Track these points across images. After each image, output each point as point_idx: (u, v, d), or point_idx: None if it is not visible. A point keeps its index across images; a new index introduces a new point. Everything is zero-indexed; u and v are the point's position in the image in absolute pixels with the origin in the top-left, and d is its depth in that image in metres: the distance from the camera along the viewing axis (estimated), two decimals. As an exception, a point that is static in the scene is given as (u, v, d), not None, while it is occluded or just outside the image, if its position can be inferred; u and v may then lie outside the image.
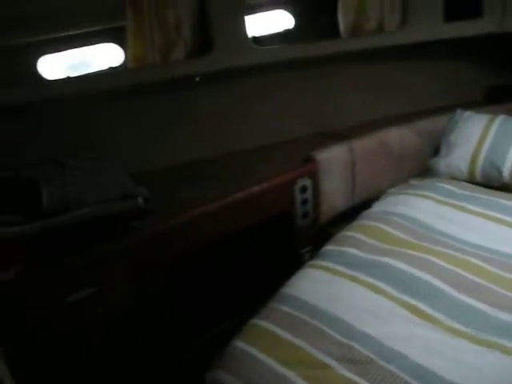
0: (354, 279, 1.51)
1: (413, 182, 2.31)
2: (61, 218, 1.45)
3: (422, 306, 1.38)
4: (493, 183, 2.12)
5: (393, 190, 2.24)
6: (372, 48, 2.35)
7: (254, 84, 2.24)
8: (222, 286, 1.86)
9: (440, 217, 1.87)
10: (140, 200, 1.58)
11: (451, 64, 2.63)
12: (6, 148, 1.73)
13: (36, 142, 1.82)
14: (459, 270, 1.50)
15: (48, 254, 1.42)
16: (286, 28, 2.60)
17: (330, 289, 1.50)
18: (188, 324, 1.79)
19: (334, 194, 2.11)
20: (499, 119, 2.23)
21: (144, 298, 1.60)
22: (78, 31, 2.00)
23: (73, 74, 2.18)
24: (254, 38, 2.27)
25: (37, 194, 1.53)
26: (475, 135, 2.21)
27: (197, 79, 2.06)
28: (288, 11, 2.63)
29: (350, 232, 1.82)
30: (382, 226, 1.81)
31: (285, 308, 1.44)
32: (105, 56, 2.26)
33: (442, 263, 1.54)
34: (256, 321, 1.42)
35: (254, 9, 2.34)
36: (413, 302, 1.39)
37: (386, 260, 1.57)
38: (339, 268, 1.58)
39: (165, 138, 2.09)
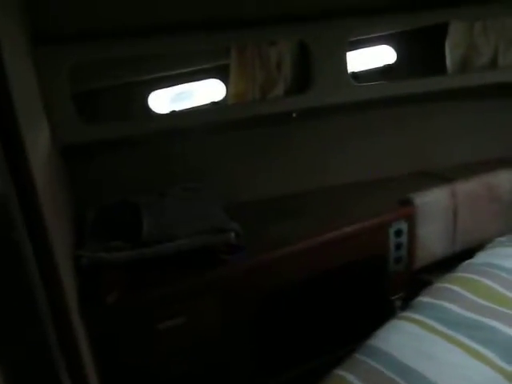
0: (451, 339, 1.39)
1: (524, 232, 2.09)
2: (158, 248, 1.53)
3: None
4: None
5: (501, 239, 2.05)
6: (481, 85, 2.20)
7: (352, 120, 2.21)
8: (308, 326, 1.82)
9: (555, 276, 1.66)
10: (232, 235, 1.61)
11: None
12: (116, 178, 1.88)
13: (142, 172, 1.96)
14: None
15: (144, 281, 1.50)
16: (388, 63, 2.53)
17: (422, 346, 1.39)
18: (269, 362, 1.77)
19: (432, 240, 1.98)
20: None
21: (230, 332, 1.61)
22: (186, 70, 2.13)
23: (178, 104, 2.33)
24: (354, 74, 2.24)
25: (139, 223, 1.64)
26: None
27: (294, 115, 2.08)
28: (391, 46, 2.56)
29: (448, 284, 1.69)
30: (484, 280, 1.66)
31: (372, 363, 1.36)
32: (209, 90, 2.38)
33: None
34: (341, 372, 1.36)
35: (356, 45, 2.32)
36: (517, 373, 1.24)
37: (489, 321, 1.43)
38: (434, 324, 1.47)
39: (259, 171, 2.14)
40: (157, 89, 2.22)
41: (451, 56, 2.23)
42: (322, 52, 1.95)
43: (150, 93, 2.19)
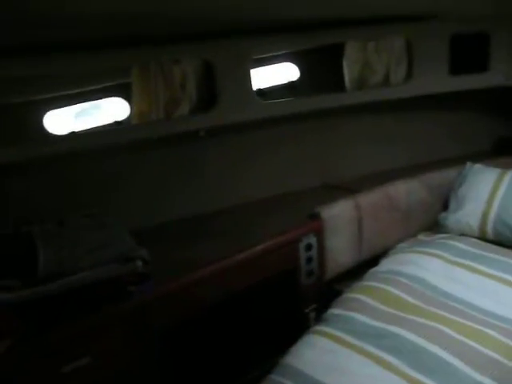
0: (361, 351, 1.43)
1: (421, 237, 2.25)
2: (56, 284, 1.41)
3: (430, 383, 1.29)
4: (504, 242, 2.05)
5: (402, 245, 2.19)
6: (378, 100, 2.35)
7: (258, 137, 2.23)
8: (225, 348, 1.79)
9: (451, 279, 1.79)
10: (139, 263, 1.53)
11: (460, 115, 2.62)
12: (7, 206, 1.72)
13: (38, 198, 1.81)
14: (472, 343, 1.41)
15: (41, 322, 1.37)
16: (291, 80, 2.61)
17: (335, 361, 1.42)
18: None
19: (340, 251, 2.05)
20: (510, 174, 2.18)
21: (142, 366, 1.53)
22: (87, 88, 2.02)
23: (79, 125, 2.19)
24: (260, 91, 2.28)
25: (34, 256, 1.50)
26: (485, 190, 2.15)
27: (201, 134, 2.06)
28: (294, 64, 2.65)
29: (356, 294, 1.75)
30: (389, 288, 1.74)
31: (287, 382, 1.36)
32: (111, 109, 2.28)
33: (453, 334, 1.45)
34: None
35: (261, 62, 2.35)
36: (423, 379, 1.31)
37: (394, 329, 1.50)
38: (345, 336, 1.51)
39: (167, 193, 2.08)
40: (54, 108, 2.07)
41: (349, 74, 2.36)
42: (226, 70, 1.95)
43: (46, 113, 2.04)
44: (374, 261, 2.10)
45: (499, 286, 1.71)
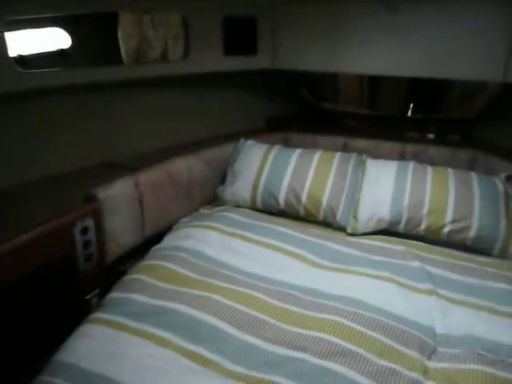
0: (140, 333, 1.43)
1: (202, 210, 2.36)
2: None
3: (205, 352, 1.38)
4: (272, 210, 2.31)
5: (184, 219, 2.25)
6: (156, 76, 2.32)
7: (30, 111, 1.96)
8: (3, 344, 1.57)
9: (226, 249, 1.93)
10: None
11: (239, 94, 2.80)
12: None
13: None
14: (241, 307, 1.55)
15: None
16: (62, 48, 2.36)
17: (114, 348, 1.38)
18: None
19: (122, 232, 1.99)
20: (275, 149, 2.44)
21: None
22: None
23: None
24: (19, 57, 1.99)
25: None
26: (255, 164, 2.37)
27: None
28: (65, 30, 2.39)
29: (136, 274, 1.74)
30: (168, 264, 1.78)
31: (57, 381, 1.27)
32: None
33: (224, 300, 1.57)
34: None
35: (18, 24, 2.05)
36: (196, 349, 1.38)
37: (172, 305, 1.54)
38: (123, 320, 1.48)
39: None
40: None
41: (124, 47, 2.25)
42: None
43: None
44: (159, 238, 2.12)
45: (266, 252, 1.92)
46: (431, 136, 2.85)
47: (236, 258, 1.88)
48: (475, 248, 2.03)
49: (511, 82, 2.22)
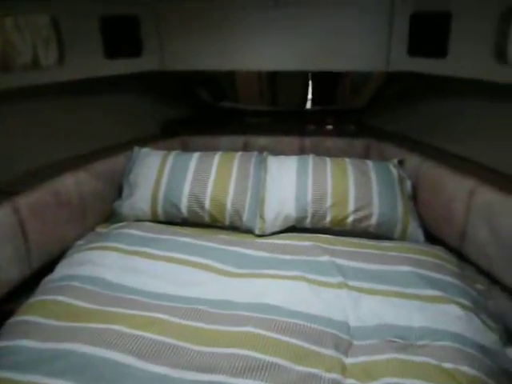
0: (29, 386, 1.23)
1: (99, 229, 2.17)
2: None
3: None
4: (175, 220, 2.18)
5: (79, 242, 2.04)
6: (29, 85, 2.06)
7: None
8: None
9: (127, 270, 1.77)
10: None
11: (129, 100, 2.60)
12: None
13: None
14: (147, 334, 1.41)
15: None
16: None
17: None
18: None
19: (3, 267, 1.74)
20: (172, 155, 2.31)
21: None
22: None
23: None
24: None
25: None
26: (153, 173, 2.22)
27: None
28: None
29: (23, 315, 1.52)
30: (59, 298, 1.58)
31: None
32: None
33: (127, 330, 1.42)
34: None
35: None
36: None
37: (65, 346, 1.35)
38: (7, 374, 1.27)
39: None
40: None
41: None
42: None
43: None
44: (53, 266, 1.89)
45: (171, 267, 1.79)
46: (330, 127, 2.91)
47: (139, 278, 1.72)
48: (378, 234, 2.09)
49: (393, 71, 2.31)
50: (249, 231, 2.13)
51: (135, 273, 1.75)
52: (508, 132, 1.93)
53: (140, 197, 2.17)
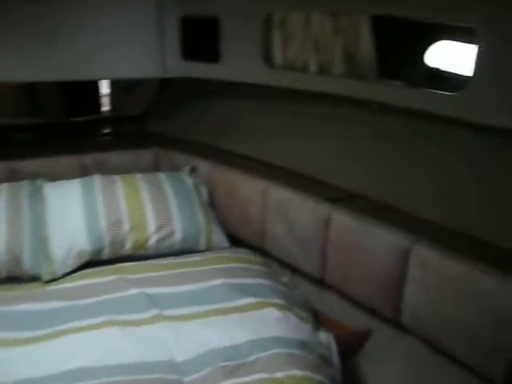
0: None
1: None
2: None
3: None
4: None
5: None
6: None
7: None
8: None
9: None
10: None
11: None
12: None
13: None
14: None
15: None
16: None
17: None
18: None
19: None
20: None
21: None
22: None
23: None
24: None
25: None
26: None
27: None
28: None
29: None
30: None
31: None
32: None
33: None
34: None
35: None
36: None
37: None
38: None
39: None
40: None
41: None
42: None
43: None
44: None
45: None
46: (109, 138, 2.69)
47: None
48: (184, 249, 1.99)
49: (170, 77, 2.24)
50: (34, 279, 1.78)
51: None
52: (284, 131, 2.06)
53: None
